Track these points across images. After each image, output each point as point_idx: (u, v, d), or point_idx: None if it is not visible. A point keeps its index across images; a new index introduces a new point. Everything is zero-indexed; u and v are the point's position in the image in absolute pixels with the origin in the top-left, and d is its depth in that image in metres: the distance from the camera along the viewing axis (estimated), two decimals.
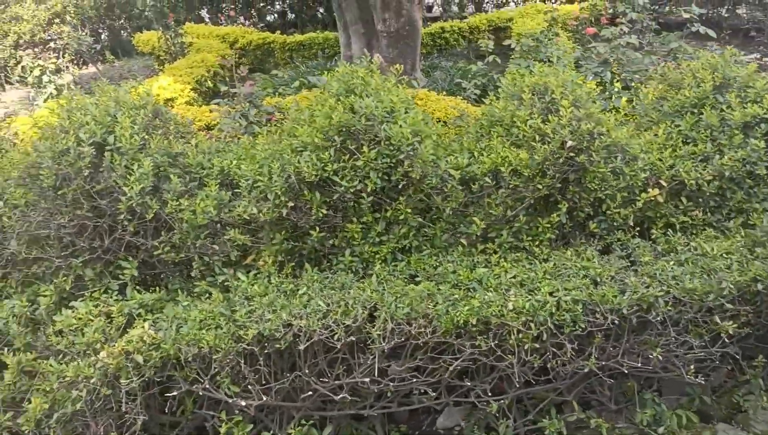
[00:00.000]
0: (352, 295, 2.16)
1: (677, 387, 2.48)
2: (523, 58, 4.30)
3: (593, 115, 2.31)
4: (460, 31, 8.88)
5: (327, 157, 2.22)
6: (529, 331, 2.05)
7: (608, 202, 2.37)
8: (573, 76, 2.44)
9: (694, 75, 2.69)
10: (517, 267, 2.27)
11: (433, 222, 2.41)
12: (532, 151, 2.29)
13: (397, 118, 2.29)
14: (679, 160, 2.44)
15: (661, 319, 2.12)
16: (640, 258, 2.29)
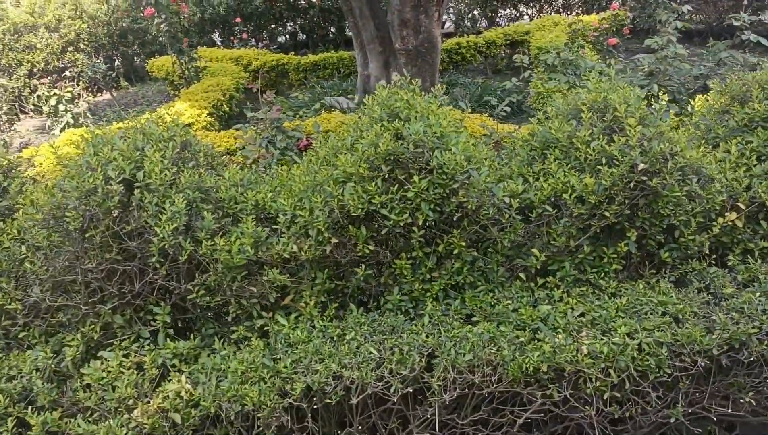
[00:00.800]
0: (406, 340, 1.95)
1: (761, 428, 2.25)
2: (561, 73, 4.10)
3: (665, 134, 2.10)
4: (477, 46, 8.74)
5: (374, 189, 2.03)
6: (608, 379, 1.83)
7: (682, 229, 2.16)
8: (637, 91, 2.24)
9: (762, 86, 2.48)
10: (584, 303, 2.06)
11: (487, 254, 2.20)
12: (598, 175, 2.09)
13: (448, 144, 2.10)
14: (755, 180, 2.22)
15: (753, 359, 1.90)
16: (722, 290, 2.07)
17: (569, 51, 5.14)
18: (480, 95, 6.12)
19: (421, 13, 6.09)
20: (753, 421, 2.10)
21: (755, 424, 2.16)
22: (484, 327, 1.97)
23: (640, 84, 3.30)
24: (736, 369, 1.95)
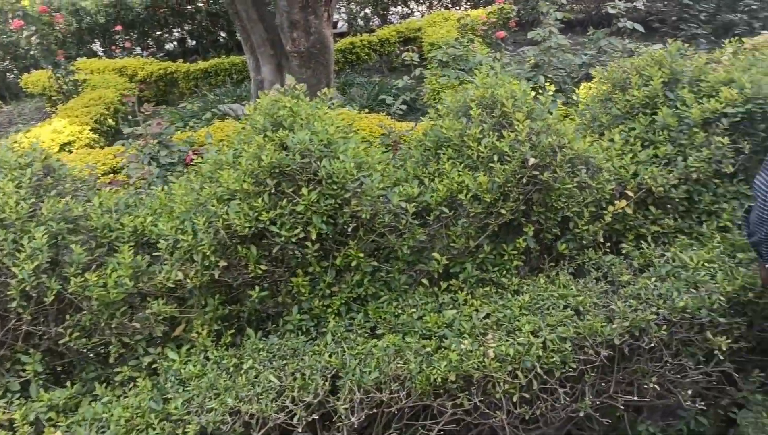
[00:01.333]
0: (308, 362, 1.84)
1: (667, 410, 2.30)
2: (452, 68, 4.09)
3: (552, 127, 2.09)
4: (371, 44, 8.70)
5: (261, 205, 1.89)
6: (516, 380, 1.80)
7: (576, 220, 2.16)
8: (523, 85, 2.22)
9: (640, 73, 2.54)
10: (488, 304, 2.02)
11: (388, 263, 2.12)
12: (491, 172, 2.05)
13: (337, 151, 1.99)
14: (641, 167, 2.26)
15: (654, 344, 1.92)
16: (619, 277, 2.09)
17: (459, 46, 5.17)
18: (377, 94, 6.07)
19: (310, 14, 5.96)
20: (658, 404, 2.13)
21: (660, 406, 2.20)
22: (390, 339, 1.88)
23: (527, 76, 3.34)
24: (638, 356, 1.97)
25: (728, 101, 2.25)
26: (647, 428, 2.18)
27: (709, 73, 2.41)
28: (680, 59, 2.51)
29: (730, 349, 1.98)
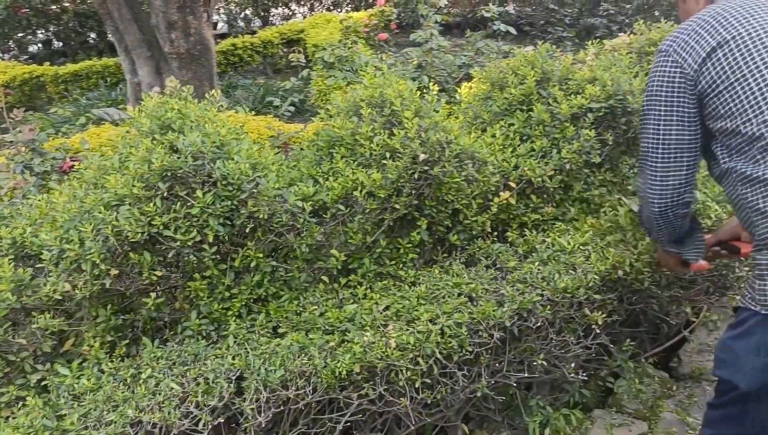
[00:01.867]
0: (211, 366, 1.82)
1: (554, 384, 2.47)
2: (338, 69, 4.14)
3: (439, 124, 2.19)
4: (253, 46, 8.59)
5: (153, 209, 1.85)
6: (418, 367, 1.87)
7: (465, 212, 2.28)
8: (410, 85, 2.31)
9: (516, 73, 2.71)
10: (387, 296, 2.09)
11: (287, 262, 2.14)
12: (384, 169, 2.12)
13: (230, 153, 1.98)
14: (521, 159, 2.42)
15: (540, 324, 2.06)
16: (506, 264, 2.22)
17: (344, 48, 5.24)
18: (263, 96, 6.01)
19: (189, 14, 5.80)
20: (546, 379, 2.29)
21: (548, 380, 2.37)
22: (293, 337, 1.90)
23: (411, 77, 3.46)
24: (527, 335, 2.10)
25: (593, 97, 2.46)
26: (537, 402, 2.34)
27: (576, 72, 2.61)
28: (550, 60, 2.70)
29: (605, 323, 2.17)
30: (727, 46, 1.47)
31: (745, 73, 1.44)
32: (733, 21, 1.48)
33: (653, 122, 1.62)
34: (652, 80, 1.62)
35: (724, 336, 1.56)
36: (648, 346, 2.69)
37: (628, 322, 2.39)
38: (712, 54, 1.49)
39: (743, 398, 1.49)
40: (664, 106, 1.59)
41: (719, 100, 1.50)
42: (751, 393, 1.47)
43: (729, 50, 1.47)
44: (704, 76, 1.51)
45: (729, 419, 1.57)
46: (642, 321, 2.45)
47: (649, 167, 1.67)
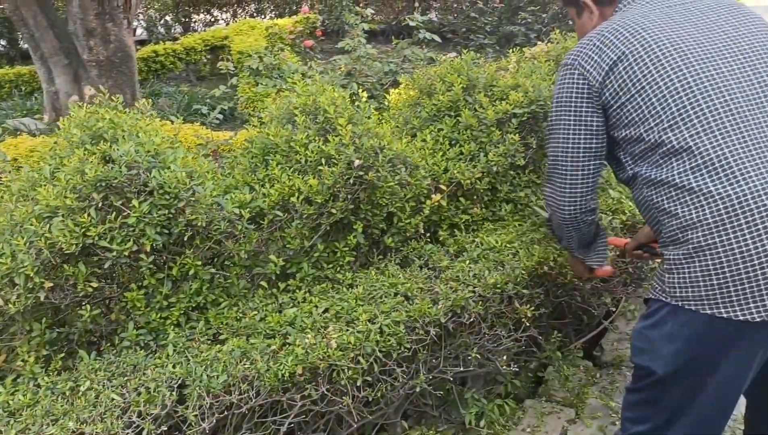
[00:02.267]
0: (151, 376, 1.81)
1: (487, 378, 2.59)
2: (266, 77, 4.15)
3: (372, 130, 2.27)
4: (176, 53, 8.44)
5: (87, 220, 1.83)
6: (359, 366, 1.93)
7: (399, 215, 2.36)
8: (342, 92, 2.37)
9: (443, 80, 2.82)
10: (326, 299, 2.14)
11: (226, 269, 2.15)
12: (320, 175, 2.17)
13: (166, 161, 1.98)
14: (451, 163, 2.52)
15: (473, 319, 2.16)
16: (439, 263, 2.32)
17: (271, 54, 5.25)
18: (188, 104, 5.93)
19: (108, 21, 5.67)
20: (480, 373, 2.40)
21: (482, 374, 2.47)
22: (234, 343, 1.92)
23: (341, 84, 3.53)
24: (461, 331, 2.20)
25: (516, 103, 2.59)
26: (473, 395, 2.44)
27: (500, 79, 2.75)
28: (475, 67, 2.83)
29: (534, 316, 2.30)
30: (626, 60, 1.55)
31: (644, 84, 1.53)
32: (629, 36, 1.57)
33: (563, 133, 1.70)
34: (560, 92, 1.69)
35: (638, 326, 1.67)
36: (573, 337, 2.85)
37: (555, 314, 2.53)
38: (614, 67, 1.57)
39: (659, 382, 1.59)
40: (573, 117, 1.67)
41: (622, 110, 1.59)
42: (665, 377, 1.57)
43: (628, 63, 1.55)
44: (608, 88, 1.59)
45: (647, 402, 1.67)
46: (567, 313, 2.60)
47: (558, 176, 1.75)
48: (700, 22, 1.59)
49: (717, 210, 1.44)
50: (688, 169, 1.48)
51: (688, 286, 1.49)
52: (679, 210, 1.50)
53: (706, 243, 1.45)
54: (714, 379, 1.52)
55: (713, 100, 1.48)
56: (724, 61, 1.53)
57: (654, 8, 1.65)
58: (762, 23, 1.64)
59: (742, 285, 1.41)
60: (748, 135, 1.45)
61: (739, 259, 1.41)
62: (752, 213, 1.41)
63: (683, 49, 1.53)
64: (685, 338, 1.52)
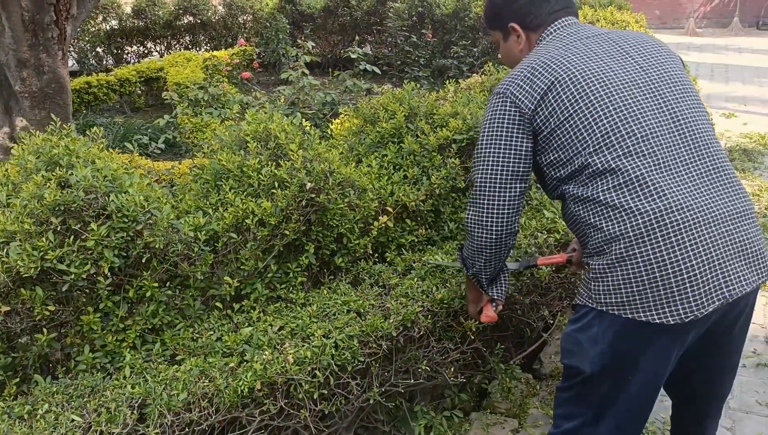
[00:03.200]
0: (111, 396, 1.84)
1: (435, 392, 2.70)
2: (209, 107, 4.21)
3: (322, 155, 2.38)
4: (109, 84, 8.35)
5: (45, 244, 1.85)
6: (315, 380, 2.01)
7: (348, 236, 2.46)
8: (295, 120, 2.48)
9: (386, 108, 2.97)
10: (281, 318, 2.21)
11: (181, 291, 2.19)
12: (273, 198, 2.26)
13: (123, 186, 2.03)
14: (396, 186, 2.66)
15: (422, 333, 2.28)
16: (388, 281, 2.43)
17: (210, 85, 5.31)
18: (124, 135, 5.88)
19: (42, 52, 5.60)
20: (429, 386, 2.50)
21: (430, 388, 2.58)
22: (192, 362, 1.97)
23: (285, 113, 3.63)
24: (411, 344, 2.31)
25: (455, 130, 2.76)
26: (422, 408, 2.55)
27: (439, 108, 2.92)
28: (416, 96, 2.99)
29: (479, 329, 2.43)
30: (555, 90, 1.68)
31: (571, 112, 1.67)
32: (557, 68, 1.71)
33: (493, 157, 1.77)
34: (492, 120, 1.78)
35: (568, 329, 1.79)
36: (514, 351, 3.00)
37: (498, 326, 2.68)
38: (545, 96, 1.69)
39: (587, 380, 1.73)
40: (504, 142, 1.75)
41: (552, 135, 1.71)
42: (593, 375, 1.70)
43: (557, 93, 1.68)
44: (539, 115, 1.71)
45: (576, 399, 1.81)
46: (509, 326, 2.75)
47: (487, 199, 1.80)
48: (615, 53, 1.75)
49: (636, 224, 1.60)
50: (611, 187, 1.63)
51: (611, 292, 1.63)
52: (603, 224, 1.65)
53: (626, 254, 1.59)
54: (635, 376, 1.67)
55: (632, 127, 1.64)
56: (639, 89, 1.69)
57: (574, 41, 1.81)
58: (666, 51, 1.84)
59: (658, 292, 1.57)
60: (661, 157, 1.62)
61: (656, 268, 1.57)
62: (666, 227, 1.58)
63: (604, 81, 1.68)
64: (609, 340, 1.66)
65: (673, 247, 1.56)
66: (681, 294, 1.56)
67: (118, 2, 11.17)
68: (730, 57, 11.22)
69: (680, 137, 1.66)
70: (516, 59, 1.95)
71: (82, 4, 6.06)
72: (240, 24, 10.99)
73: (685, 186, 1.61)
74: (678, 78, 1.76)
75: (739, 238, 1.62)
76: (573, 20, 1.90)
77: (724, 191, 1.66)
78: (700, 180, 1.64)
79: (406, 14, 8.79)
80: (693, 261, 1.56)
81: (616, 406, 1.72)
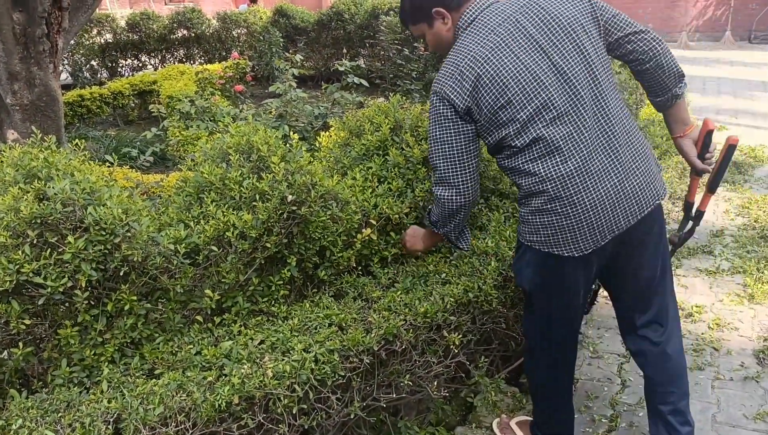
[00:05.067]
0: (86, 411, 1.81)
1: (420, 406, 2.68)
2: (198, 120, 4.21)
3: (305, 168, 2.37)
4: (102, 97, 8.38)
5: (21, 257, 1.84)
6: (294, 394, 1.99)
7: (331, 249, 2.45)
8: (275, 133, 2.47)
9: (371, 121, 2.97)
10: (261, 332, 2.19)
11: (161, 304, 2.18)
12: (254, 211, 2.25)
13: (102, 199, 2.02)
14: (380, 199, 2.65)
15: (404, 347, 2.26)
16: (371, 294, 2.42)
17: (201, 98, 5.31)
18: (116, 147, 5.88)
19: (33, 65, 5.61)
20: (412, 400, 2.49)
21: (414, 401, 2.56)
22: (170, 376, 1.95)
23: (272, 126, 3.62)
24: (394, 358, 2.29)
25: None
26: (405, 424, 2.53)
27: (424, 121, 2.92)
28: (401, 109, 3.00)
29: (462, 343, 2.42)
30: (482, 83, 2.00)
31: (496, 108, 2.01)
32: (477, 67, 2.01)
33: (445, 144, 2.13)
34: (435, 115, 2.12)
35: (513, 261, 2.33)
36: (500, 363, 2.98)
37: (482, 340, 2.66)
38: (474, 91, 2.02)
39: (529, 297, 2.31)
40: (450, 131, 2.11)
41: (489, 119, 2.05)
42: (531, 293, 2.26)
43: (483, 86, 2.00)
44: (473, 107, 2.05)
45: (528, 315, 2.38)
46: (493, 339, 2.74)
47: (451, 177, 2.18)
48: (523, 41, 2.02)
49: (549, 187, 2.01)
50: (528, 160, 2.04)
51: (533, 233, 2.11)
52: (524, 184, 2.07)
53: (542, 208, 2.05)
54: (558, 290, 2.20)
55: (542, 112, 2.00)
56: (548, 75, 2.00)
57: (489, 33, 2.04)
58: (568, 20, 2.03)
59: (564, 235, 2.05)
60: (566, 130, 1.99)
61: (563, 219, 2.03)
62: (569, 188, 1.99)
63: (517, 73, 2.00)
64: (534, 266, 2.18)
65: (574, 203, 2.00)
66: (581, 235, 2.03)
67: (112, 16, 11.23)
68: (721, 70, 11.29)
69: (582, 111, 2.00)
70: (446, 41, 2.22)
71: (74, 17, 6.08)
72: (234, 37, 11.04)
73: (585, 151, 1.99)
74: (574, 45, 2.03)
75: (631, 183, 2.03)
76: (485, 3, 2.12)
77: (619, 143, 2.03)
78: (597, 143, 2.00)
79: (399, 28, 8.83)
80: (589, 211, 2.00)
81: (550, 317, 2.28)
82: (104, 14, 11.21)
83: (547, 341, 2.35)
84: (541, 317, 2.31)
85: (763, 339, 3.38)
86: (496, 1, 2.12)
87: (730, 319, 3.61)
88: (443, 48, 2.25)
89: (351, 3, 10.38)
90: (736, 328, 3.51)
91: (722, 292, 3.90)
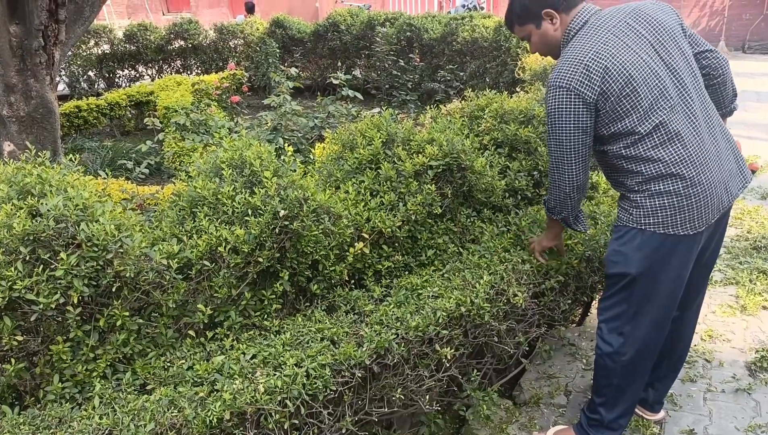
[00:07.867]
0: (77, 428, 1.82)
1: (412, 421, 2.68)
2: (193, 132, 4.23)
3: (297, 182, 2.39)
4: (99, 108, 8.40)
5: (14, 274, 1.85)
6: (286, 409, 1.99)
7: (324, 262, 2.47)
8: (268, 147, 2.49)
9: (364, 135, 2.99)
10: (254, 346, 2.20)
11: (153, 319, 2.19)
12: (247, 225, 2.27)
13: (94, 214, 2.03)
14: (372, 212, 2.67)
15: (396, 361, 2.27)
16: (363, 308, 2.43)
17: (198, 110, 5.33)
18: (112, 159, 5.89)
19: (30, 77, 5.64)
20: (405, 414, 2.49)
21: (407, 415, 2.57)
22: (162, 392, 1.95)
23: (267, 139, 3.64)
24: (386, 372, 2.30)
25: (432, 156, 2.78)
26: None
27: (417, 134, 2.94)
28: (393, 123, 3.02)
29: (454, 356, 2.43)
30: (609, 79, 2.15)
31: (621, 96, 2.16)
32: (603, 61, 2.16)
33: (566, 136, 2.25)
34: (559, 108, 2.22)
35: (613, 246, 2.39)
36: (493, 375, 2.99)
37: (474, 354, 2.67)
38: (602, 83, 2.15)
39: (629, 282, 2.35)
40: (573, 124, 2.22)
41: (613, 110, 2.19)
42: (636, 277, 2.32)
43: (612, 79, 2.15)
44: (599, 99, 2.18)
45: (619, 302, 2.43)
46: (486, 353, 2.74)
47: (567, 166, 2.31)
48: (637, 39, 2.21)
49: (678, 169, 2.18)
50: (649, 147, 2.22)
51: (650, 215, 2.25)
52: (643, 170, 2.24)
53: (666, 189, 2.21)
54: (666, 275, 2.31)
55: (660, 101, 2.19)
56: (662, 69, 2.20)
57: (606, 33, 2.21)
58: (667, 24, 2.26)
59: (682, 214, 2.21)
60: (685, 115, 2.20)
61: (680, 199, 2.21)
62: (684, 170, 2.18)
63: (638, 65, 2.17)
64: (648, 248, 2.28)
65: (695, 183, 2.19)
66: (698, 214, 2.21)
67: (110, 27, 11.27)
68: None
69: (690, 102, 2.22)
70: (553, 41, 2.38)
71: (71, 29, 6.11)
72: (231, 48, 11.08)
73: (699, 138, 2.20)
74: (677, 47, 2.26)
75: (728, 167, 2.29)
76: (593, 8, 2.31)
77: (717, 132, 2.28)
78: (704, 130, 2.22)
79: (395, 38, 8.89)
80: (706, 191, 2.20)
81: (650, 302, 2.36)
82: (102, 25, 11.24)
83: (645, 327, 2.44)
84: (639, 310, 2.40)
85: (755, 350, 3.39)
86: (600, 9, 2.32)
87: (722, 330, 3.62)
88: (548, 47, 2.42)
89: (347, 14, 10.44)
90: (728, 340, 3.52)
91: (715, 304, 3.92)
